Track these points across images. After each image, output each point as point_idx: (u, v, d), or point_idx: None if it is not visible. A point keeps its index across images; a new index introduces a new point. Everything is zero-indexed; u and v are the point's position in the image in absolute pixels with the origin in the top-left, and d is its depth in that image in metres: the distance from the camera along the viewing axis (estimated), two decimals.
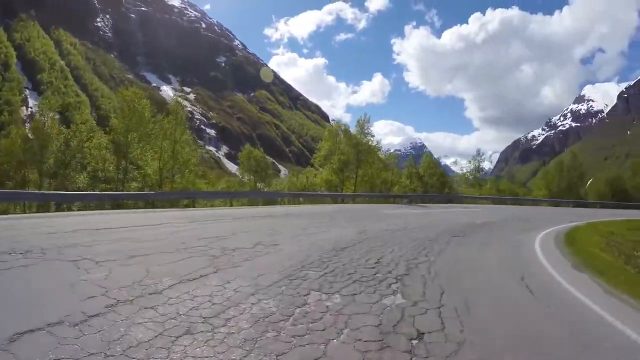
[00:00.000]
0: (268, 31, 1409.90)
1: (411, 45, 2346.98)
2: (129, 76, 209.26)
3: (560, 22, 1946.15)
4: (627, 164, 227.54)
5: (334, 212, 24.09)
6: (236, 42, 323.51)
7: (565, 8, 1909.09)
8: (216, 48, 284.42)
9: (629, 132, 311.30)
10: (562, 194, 62.55)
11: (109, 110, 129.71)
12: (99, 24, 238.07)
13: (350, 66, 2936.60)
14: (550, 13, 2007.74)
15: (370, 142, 47.63)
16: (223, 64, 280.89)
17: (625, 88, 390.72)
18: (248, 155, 46.60)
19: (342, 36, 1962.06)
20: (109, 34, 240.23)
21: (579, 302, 6.59)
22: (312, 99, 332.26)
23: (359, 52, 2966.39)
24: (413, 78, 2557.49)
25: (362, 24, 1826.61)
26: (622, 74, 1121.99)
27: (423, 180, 55.35)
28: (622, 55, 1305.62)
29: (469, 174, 64.99)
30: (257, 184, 43.44)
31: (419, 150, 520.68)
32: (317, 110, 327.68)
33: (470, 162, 65.06)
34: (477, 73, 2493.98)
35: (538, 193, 67.47)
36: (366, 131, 47.41)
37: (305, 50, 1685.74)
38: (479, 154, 65.91)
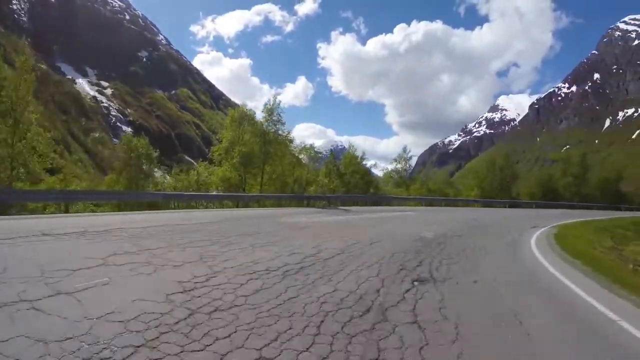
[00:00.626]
0: (194, 28, 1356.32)
1: (337, 51, 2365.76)
2: (42, 66, 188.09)
3: (480, 38, 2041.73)
4: (536, 167, 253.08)
5: (204, 224, 14.53)
6: (160, 37, 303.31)
7: (485, 25, 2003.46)
8: (138, 42, 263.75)
9: (538, 139, 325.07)
10: (494, 194, 58.87)
11: None
12: (15, 7, 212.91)
13: (275, 68, 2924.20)
14: (472, 28, 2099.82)
15: (280, 132, 38.68)
16: (145, 59, 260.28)
17: (536, 100, 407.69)
18: (128, 146, 35.27)
19: (269, 38, 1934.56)
20: (24, 19, 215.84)
21: None
22: (235, 99, 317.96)
23: (284, 54, 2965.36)
24: (336, 82, 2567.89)
25: (289, 27, 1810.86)
26: (534, 87, 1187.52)
27: (344, 179, 47.54)
28: (535, 70, 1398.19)
29: (394, 174, 58.25)
30: (135, 183, 32.52)
31: (340, 153, 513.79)
32: None
33: (396, 160, 58.32)
34: (398, 80, 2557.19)
35: (469, 193, 62.78)
36: (275, 118, 38.06)
37: (230, 50, 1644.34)
38: (405, 151, 59.99)
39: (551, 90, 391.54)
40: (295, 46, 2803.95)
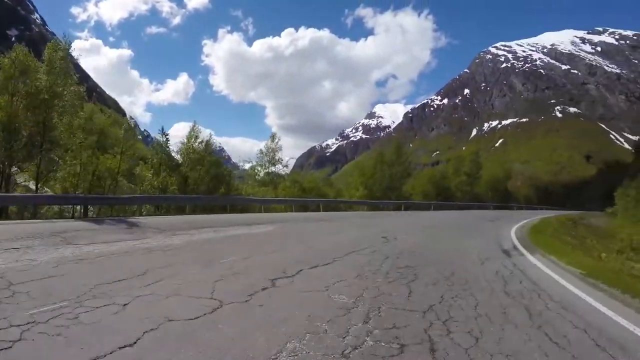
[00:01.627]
0: (75, 10, 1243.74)
1: (222, 49, 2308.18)
2: None
3: (364, 49, 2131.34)
4: (409, 170, 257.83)
5: None
6: (35, 16, 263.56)
7: (370, 37, 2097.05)
8: (10, 18, 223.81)
9: (410, 145, 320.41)
10: (383, 193, 48.93)
11: None
12: None
13: (157, 62, 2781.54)
14: (357, 40, 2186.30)
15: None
16: (14, 38, 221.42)
17: (410, 109, 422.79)
18: None
19: (154, 29, 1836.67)
20: None
21: None
22: (112, 93, 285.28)
23: (168, 48, 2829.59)
24: (219, 81, 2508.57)
25: (177, 20, 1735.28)
26: (409, 98, 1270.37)
27: (182, 172, 31.76)
28: (412, 83, 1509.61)
29: (259, 168, 43.08)
30: None
31: (218, 154, 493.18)
32: (115, 105, 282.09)
33: (262, 152, 43.58)
34: (281, 83, 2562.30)
35: (354, 193, 50.04)
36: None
37: (111, 39, 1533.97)
38: (273, 139, 43.77)
39: (425, 101, 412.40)
40: (180, 41, 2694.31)
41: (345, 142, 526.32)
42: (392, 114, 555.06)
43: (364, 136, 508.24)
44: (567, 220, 34.12)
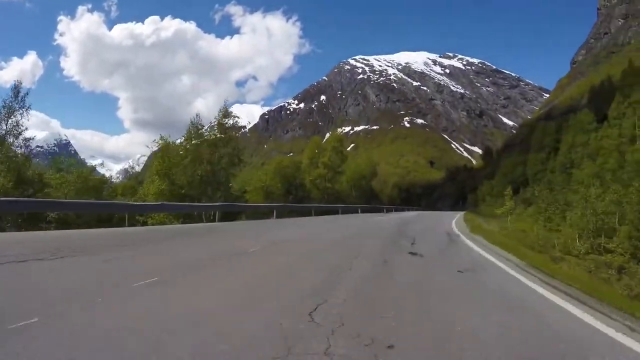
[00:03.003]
0: None
1: (79, 29, 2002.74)
2: None
3: (228, 47, 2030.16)
4: (261, 171, 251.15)
5: None
6: None
7: (236, 36, 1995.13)
8: None
9: (265, 146, 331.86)
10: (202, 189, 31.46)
11: None
12: None
13: (4, 36, 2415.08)
14: (222, 37, 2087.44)
15: None
16: None
17: (267, 111, 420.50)
18: None
19: None
20: None
21: None
22: None
23: (19, 21, 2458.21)
24: (70, 65, 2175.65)
25: None
26: (267, 100, 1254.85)
27: None
28: (271, 85, 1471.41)
29: None
30: None
31: (63, 149, 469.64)
32: None
33: None
34: (137, 74, 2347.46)
35: (253, 197, 38.35)
36: None
37: None
38: None
39: (282, 104, 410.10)
40: (34, 13, 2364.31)
41: (199, 140, 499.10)
42: (249, 114, 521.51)
43: (219, 135, 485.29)
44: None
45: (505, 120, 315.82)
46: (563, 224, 25.58)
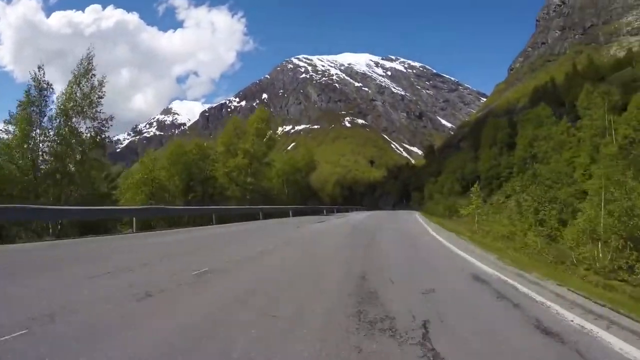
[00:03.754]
0: None
1: (15, 13, 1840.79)
2: None
3: (170, 40, 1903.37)
4: (147, 158, 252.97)
5: None
6: None
7: (179, 30, 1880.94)
8: None
9: (205, 144, 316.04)
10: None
11: None
12: None
13: None
14: (165, 30, 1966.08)
15: None
16: None
17: (208, 108, 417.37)
18: None
19: None
20: None
21: None
22: None
23: None
24: (4, 53, 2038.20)
25: None
26: (208, 97, 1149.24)
27: None
28: (212, 82, 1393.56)
29: None
30: None
31: None
32: None
33: None
34: (75, 65, 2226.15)
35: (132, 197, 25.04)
36: None
37: None
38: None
39: (223, 101, 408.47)
40: None
41: (138, 137, 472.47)
42: (189, 111, 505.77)
43: (158, 132, 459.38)
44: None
45: (443, 122, 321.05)
46: (561, 228, 18.09)
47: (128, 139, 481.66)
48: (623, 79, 56.39)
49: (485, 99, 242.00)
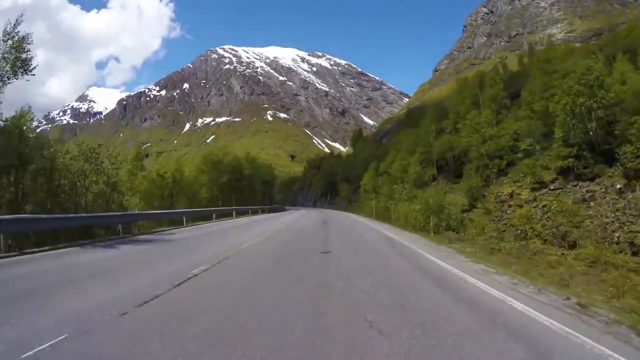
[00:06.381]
0: None
1: None
2: None
3: (93, 21, 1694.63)
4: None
5: None
6: None
7: (103, 10, 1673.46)
8: None
9: (121, 135, 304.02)
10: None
11: None
12: None
13: None
14: (88, 10, 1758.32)
15: None
16: None
17: (126, 97, 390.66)
18: None
19: None
20: None
21: None
22: None
23: None
24: None
25: None
26: (129, 85, 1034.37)
27: None
28: (134, 69, 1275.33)
29: None
30: None
31: None
32: None
33: None
34: None
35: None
36: None
37: None
38: None
39: (142, 90, 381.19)
40: None
41: (50, 125, 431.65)
42: (106, 99, 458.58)
43: (71, 121, 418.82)
44: None
45: (366, 119, 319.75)
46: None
47: (40, 127, 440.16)
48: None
49: (407, 99, 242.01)
